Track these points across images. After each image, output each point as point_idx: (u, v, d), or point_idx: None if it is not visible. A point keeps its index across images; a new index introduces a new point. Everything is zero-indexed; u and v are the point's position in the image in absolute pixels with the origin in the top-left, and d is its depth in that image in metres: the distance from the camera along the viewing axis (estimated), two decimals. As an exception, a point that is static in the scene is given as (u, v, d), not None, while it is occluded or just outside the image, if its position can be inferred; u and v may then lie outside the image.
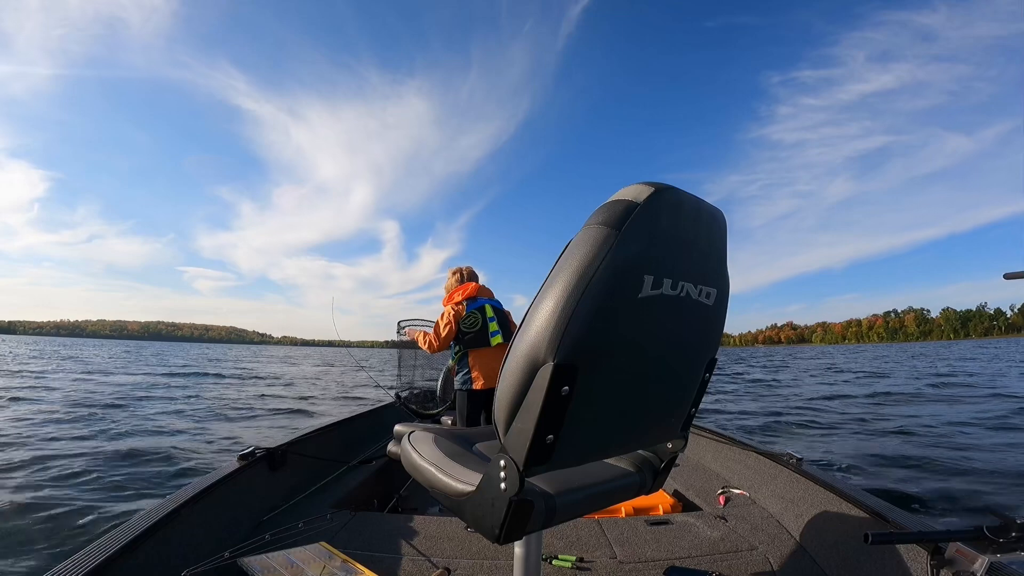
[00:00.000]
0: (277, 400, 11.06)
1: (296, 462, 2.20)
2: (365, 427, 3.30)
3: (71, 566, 1.10)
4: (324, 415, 7.97)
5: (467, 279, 3.12)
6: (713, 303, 0.80)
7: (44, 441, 5.62)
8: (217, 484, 1.69)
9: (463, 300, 2.97)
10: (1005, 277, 1.10)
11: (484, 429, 1.11)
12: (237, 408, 9.47)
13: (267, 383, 15.88)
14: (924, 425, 7.16)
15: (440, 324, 2.93)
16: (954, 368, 20.42)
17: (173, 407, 9.15)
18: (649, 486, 0.97)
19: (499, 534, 0.71)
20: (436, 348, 2.93)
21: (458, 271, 3.16)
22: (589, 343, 0.64)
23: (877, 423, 7.58)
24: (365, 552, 1.55)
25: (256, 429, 7.24)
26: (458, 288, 3.04)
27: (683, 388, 0.86)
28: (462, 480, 0.80)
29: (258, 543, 1.53)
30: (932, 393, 11.46)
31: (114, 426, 6.78)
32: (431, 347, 2.93)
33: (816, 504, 1.71)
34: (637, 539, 1.70)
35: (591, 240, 0.64)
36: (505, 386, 0.68)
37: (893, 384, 14.13)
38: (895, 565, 1.28)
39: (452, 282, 3.14)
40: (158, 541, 1.34)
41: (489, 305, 2.98)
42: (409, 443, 1.00)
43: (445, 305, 3.02)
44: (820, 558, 1.52)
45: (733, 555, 1.59)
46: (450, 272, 3.20)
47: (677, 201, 0.70)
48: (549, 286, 0.65)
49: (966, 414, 8.07)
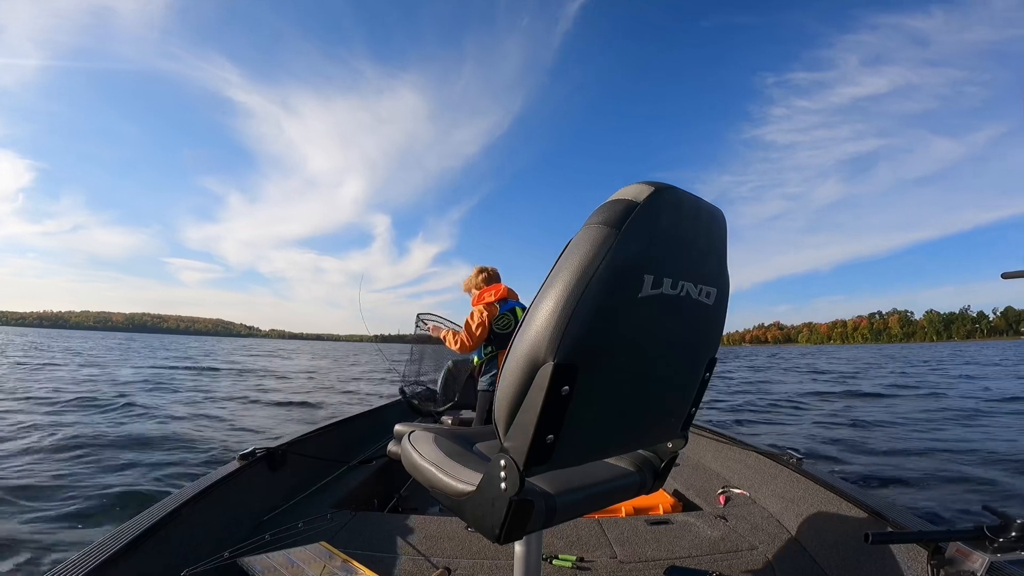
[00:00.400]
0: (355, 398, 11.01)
1: (296, 462, 2.20)
2: (365, 427, 3.30)
3: (71, 566, 1.10)
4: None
5: (493, 279, 3.04)
6: (713, 303, 0.80)
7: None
8: (217, 484, 1.69)
9: (496, 301, 2.88)
10: (1003, 276, 1.10)
11: (484, 429, 1.11)
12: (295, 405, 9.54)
13: (335, 386, 14.45)
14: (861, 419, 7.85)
15: (472, 324, 2.81)
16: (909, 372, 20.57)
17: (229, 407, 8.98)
18: (649, 486, 0.97)
19: (499, 534, 0.71)
20: (469, 348, 2.84)
21: (484, 270, 3.06)
22: (589, 343, 0.64)
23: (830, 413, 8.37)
24: (365, 552, 1.55)
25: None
26: (489, 288, 2.94)
27: (683, 388, 0.86)
28: (462, 480, 0.80)
29: (258, 543, 1.53)
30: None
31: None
32: (463, 347, 2.83)
33: (816, 504, 1.71)
34: (637, 539, 1.70)
35: (591, 240, 0.64)
36: (505, 386, 0.68)
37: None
38: (895, 565, 1.28)
39: (478, 281, 3.02)
40: (158, 541, 1.34)
41: (519, 308, 2.92)
42: (409, 443, 1.00)
43: (475, 305, 2.90)
44: (820, 558, 1.52)
45: (733, 555, 1.59)
46: (476, 270, 3.08)
47: (677, 200, 0.70)
48: (549, 286, 0.65)
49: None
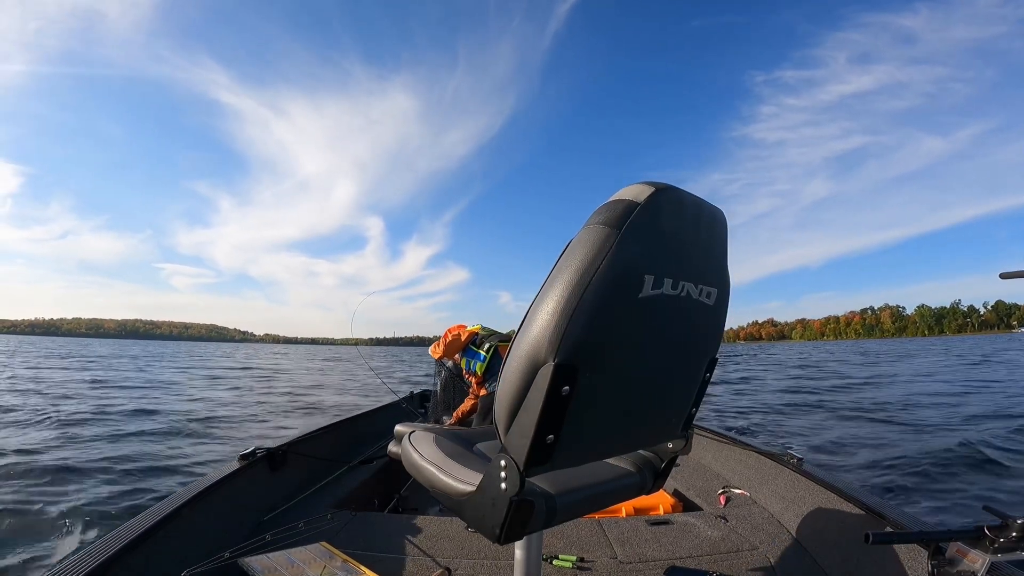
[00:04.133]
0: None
1: (296, 462, 2.20)
2: (365, 427, 3.30)
3: (71, 566, 1.10)
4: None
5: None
6: (714, 303, 0.80)
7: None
8: (217, 484, 1.69)
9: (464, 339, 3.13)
10: (1001, 277, 1.09)
11: (485, 429, 1.11)
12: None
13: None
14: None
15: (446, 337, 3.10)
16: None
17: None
18: (650, 486, 0.97)
19: (500, 534, 0.70)
20: (440, 355, 3.12)
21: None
22: (589, 343, 0.64)
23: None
24: (366, 552, 1.55)
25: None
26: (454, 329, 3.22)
27: (683, 388, 0.86)
28: (463, 480, 0.79)
29: (259, 543, 1.53)
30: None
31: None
32: (435, 351, 3.13)
33: (816, 504, 1.71)
34: (638, 539, 1.69)
35: (591, 240, 0.64)
36: (506, 386, 0.68)
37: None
38: (895, 565, 1.28)
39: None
40: (159, 541, 1.33)
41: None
42: (410, 443, 0.99)
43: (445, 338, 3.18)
44: (820, 558, 1.52)
45: (734, 555, 1.59)
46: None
47: (678, 201, 0.70)
48: (550, 286, 0.65)
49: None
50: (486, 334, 3.04)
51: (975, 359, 22.86)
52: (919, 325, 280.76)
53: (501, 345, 2.94)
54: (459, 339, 3.05)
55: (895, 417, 7.18)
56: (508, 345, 2.46)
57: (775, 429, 6.67)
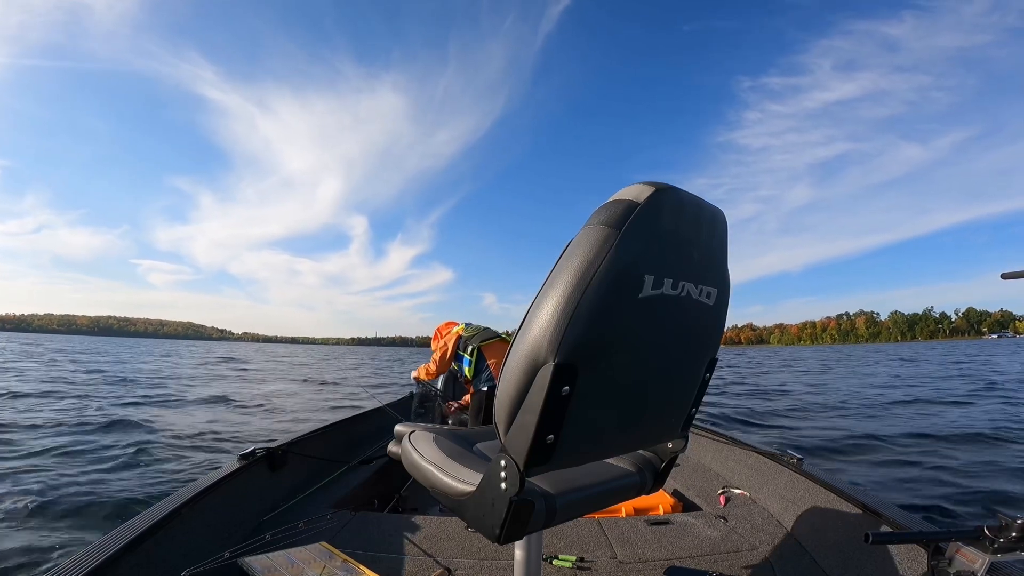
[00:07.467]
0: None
1: (296, 462, 2.20)
2: (365, 427, 3.29)
3: (71, 566, 1.10)
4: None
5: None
6: (713, 303, 0.80)
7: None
8: (217, 484, 1.69)
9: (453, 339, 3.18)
10: (1003, 277, 1.09)
11: (484, 429, 1.11)
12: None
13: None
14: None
15: (437, 357, 3.14)
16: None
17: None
18: (649, 486, 0.97)
19: (500, 534, 0.71)
20: (435, 374, 3.16)
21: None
22: (590, 343, 0.64)
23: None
24: (366, 552, 1.55)
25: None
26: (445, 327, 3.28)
27: (683, 388, 0.86)
28: (462, 480, 0.80)
29: (259, 543, 1.52)
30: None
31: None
32: (429, 373, 3.16)
33: (816, 504, 1.71)
34: (637, 539, 1.69)
35: (592, 240, 0.64)
36: (506, 386, 0.68)
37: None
38: (895, 565, 1.28)
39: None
40: (158, 541, 1.33)
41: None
42: (409, 443, 1.00)
43: (435, 342, 3.24)
44: (820, 558, 1.52)
45: (733, 555, 1.59)
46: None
47: (678, 201, 0.70)
48: (550, 286, 0.65)
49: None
50: (470, 334, 3.07)
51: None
52: (892, 331, 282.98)
53: (483, 345, 2.97)
54: (446, 353, 3.11)
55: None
56: (491, 343, 2.49)
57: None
